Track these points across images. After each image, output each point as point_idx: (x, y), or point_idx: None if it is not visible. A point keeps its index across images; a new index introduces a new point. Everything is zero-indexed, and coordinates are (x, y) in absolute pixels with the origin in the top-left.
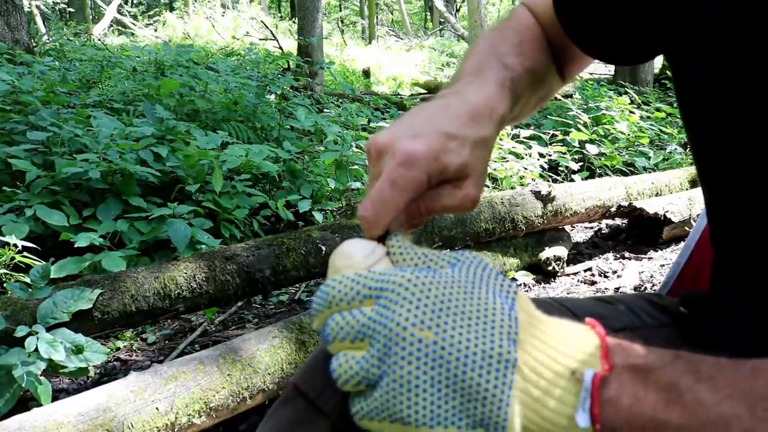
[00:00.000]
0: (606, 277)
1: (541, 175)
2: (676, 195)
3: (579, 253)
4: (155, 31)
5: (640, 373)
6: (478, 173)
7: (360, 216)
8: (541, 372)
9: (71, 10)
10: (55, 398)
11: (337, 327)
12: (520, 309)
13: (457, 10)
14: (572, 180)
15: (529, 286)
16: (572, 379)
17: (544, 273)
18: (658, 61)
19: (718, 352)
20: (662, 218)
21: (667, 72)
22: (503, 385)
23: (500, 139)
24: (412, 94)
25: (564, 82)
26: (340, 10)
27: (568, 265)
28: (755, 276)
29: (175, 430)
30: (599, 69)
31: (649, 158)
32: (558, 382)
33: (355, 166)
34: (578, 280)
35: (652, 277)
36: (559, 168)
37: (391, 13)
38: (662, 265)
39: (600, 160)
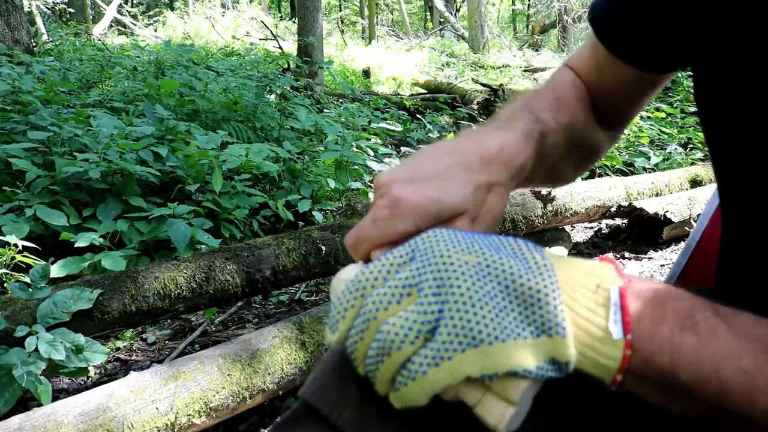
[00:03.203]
0: None
1: None
2: (676, 195)
3: (579, 253)
4: (155, 31)
5: (659, 298)
6: (472, 214)
7: (345, 242)
8: (572, 284)
9: (71, 10)
10: (55, 398)
11: (378, 297)
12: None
13: (457, 10)
14: None
15: None
16: (599, 292)
17: None
18: None
19: None
20: (662, 218)
21: None
22: (552, 285)
23: None
24: (412, 94)
25: (616, 133)
26: (340, 10)
27: None
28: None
29: (175, 430)
30: None
31: (649, 158)
32: (587, 294)
33: (355, 166)
34: None
35: (652, 277)
36: None
37: (391, 13)
38: (662, 265)
39: (600, 160)
